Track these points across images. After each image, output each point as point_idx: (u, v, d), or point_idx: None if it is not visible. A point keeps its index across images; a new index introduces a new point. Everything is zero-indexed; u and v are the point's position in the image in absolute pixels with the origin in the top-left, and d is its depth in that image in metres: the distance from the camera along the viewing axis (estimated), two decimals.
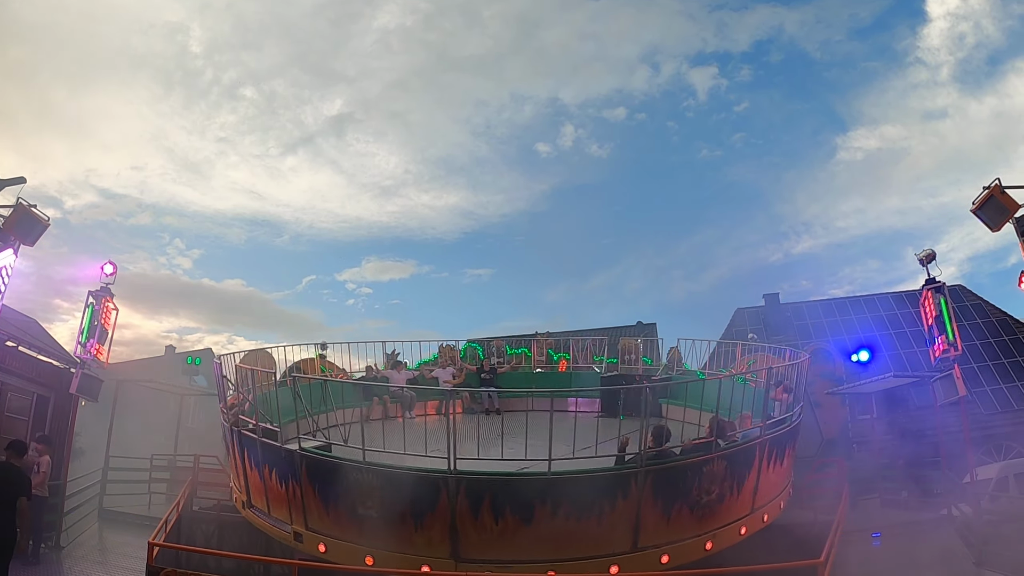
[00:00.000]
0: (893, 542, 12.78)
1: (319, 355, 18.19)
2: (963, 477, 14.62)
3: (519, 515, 8.95)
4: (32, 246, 12.22)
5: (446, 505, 8.99)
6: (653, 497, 9.34)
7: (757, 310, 32.28)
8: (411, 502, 9.13)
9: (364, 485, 9.33)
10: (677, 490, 9.57)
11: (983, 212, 12.05)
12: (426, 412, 16.42)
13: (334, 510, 9.70)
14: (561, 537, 9.01)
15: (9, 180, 11.96)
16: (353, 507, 9.49)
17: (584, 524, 9.03)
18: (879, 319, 29.70)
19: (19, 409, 13.77)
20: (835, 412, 18.45)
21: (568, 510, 8.97)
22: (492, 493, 8.99)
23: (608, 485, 9.15)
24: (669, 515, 9.52)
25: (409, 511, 9.16)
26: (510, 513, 8.95)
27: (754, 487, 10.67)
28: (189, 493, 14.69)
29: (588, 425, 10.80)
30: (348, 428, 10.59)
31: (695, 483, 9.68)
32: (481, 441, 9.89)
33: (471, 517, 8.97)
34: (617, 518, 9.18)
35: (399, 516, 9.19)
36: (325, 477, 9.77)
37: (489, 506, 8.95)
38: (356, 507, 9.45)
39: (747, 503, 10.65)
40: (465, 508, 8.96)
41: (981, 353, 26.04)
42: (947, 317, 13.19)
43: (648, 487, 9.26)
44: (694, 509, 9.74)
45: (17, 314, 15.42)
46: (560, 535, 9.01)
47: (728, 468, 10.02)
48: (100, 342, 14.15)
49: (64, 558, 12.47)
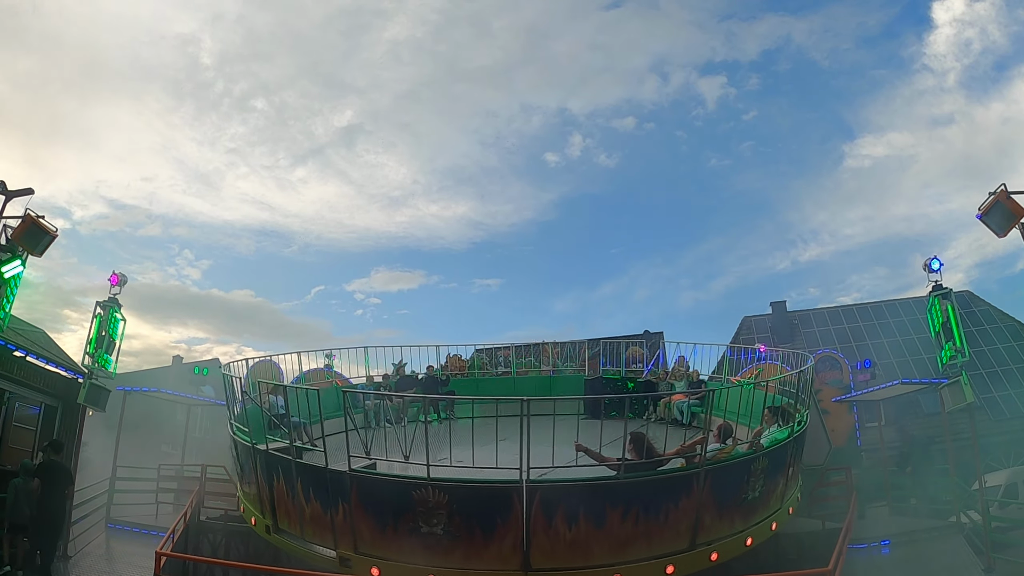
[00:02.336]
0: (902, 550, 12.72)
1: (327, 364, 18.28)
2: (972, 484, 14.55)
3: (591, 521, 8.87)
4: (40, 256, 12.30)
5: (519, 515, 8.76)
6: (712, 495, 9.50)
7: (764, 318, 32.23)
8: (482, 515, 8.91)
9: (429, 502, 8.89)
10: (730, 487, 9.81)
11: (989, 218, 12.01)
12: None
13: (392, 531, 9.21)
14: (628, 539, 9.02)
15: (17, 191, 12.04)
16: (415, 526, 9.04)
17: (650, 525, 9.10)
18: (887, 326, 29.61)
19: (27, 419, 13.81)
20: (843, 419, 18.39)
21: (637, 512, 9.01)
22: (566, 500, 8.85)
23: (674, 485, 9.25)
24: (722, 512, 9.73)
25: (478, 524, 8.91)
26: (583, 519, 8.84)
27: (784, 485, 11.15)
28: (196, 503, 14.70)
29: (582, 428, 10.74)
30: (401, 441, 9.53)
31: (745, 480, 9.94)
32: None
33: (545, 525, 8.82)
34: (680, 517, 9.27)
35: (467, 530, 8.91)
36: (381, 497, 9.30)
37: (563, 514, 8.82)
38: (419, 525, 9.01)
39: (778, 500, 11.05)
40: (540, 517, 8.80)
41: (989, 359, 25.95)
42: (955, 323, 13.14)
43: (708, 485, 9.38)
44: (740, 505, 10.00)
45: (25, 324, 15.48)
46: (628, 537, 9.01)
47: (768, 466, 10.31)
48: (108, 352, 14.20)
49: (71, 568, 12.47)
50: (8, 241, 11.93)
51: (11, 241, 11.92)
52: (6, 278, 11.89)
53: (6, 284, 11.93)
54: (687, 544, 9.35)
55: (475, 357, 21.37)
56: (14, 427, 13.38)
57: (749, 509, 10.18)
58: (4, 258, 11.82)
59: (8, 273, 11.90)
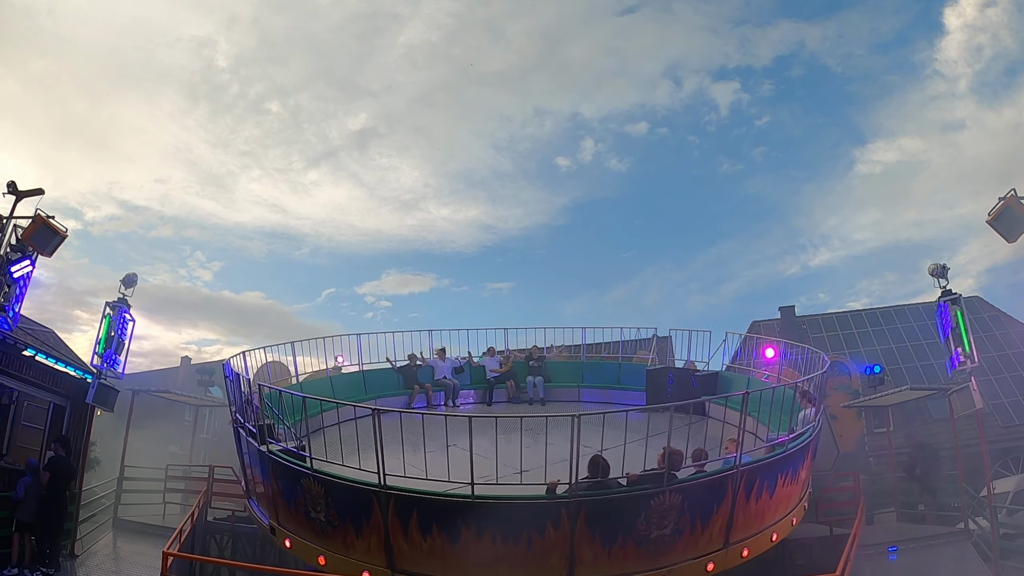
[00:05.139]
0: (909, 556, 12.65)
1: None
2: (980, 491, 14.46)
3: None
4: (50, 257, 12.37)
5: (565, 530, 8.62)
6: (746, 494, 9.47)
7: (772, 323, 32.11)
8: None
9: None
10: (763, 484, 9.78)
11: (998, 223, 11.95)
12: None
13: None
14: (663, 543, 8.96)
15: (28, 191, 12.12)
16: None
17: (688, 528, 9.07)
18: (895, 331, 29.50)
19: (36, 418, 13.88)
20: (851, 425, 18.32)
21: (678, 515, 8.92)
22: (607, 513, 8.74)
23: (712, 487, 9.18)
24: (750, 511, 9.68)
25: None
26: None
27: (805, 484, 11.20)
28: (203, 503, 14.75)
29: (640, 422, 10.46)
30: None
31: (777, 477, 9.99)
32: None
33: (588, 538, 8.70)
34: (718, 517, 9.25)
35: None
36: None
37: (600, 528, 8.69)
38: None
39: (796, 497, 11.03)
40: (583, 529, 8.65)
41: (999, 365, 25.79)
42: (964, 329, 13.05)
43: (743, 485, 9.35)
44: (769, 501, 10.01)
45: (34, 324, 15.55)
46: (663, 542, 8.94)
47: (792, 464, 10.36)
48: (117, 353, 14.25)
49: (78, 567, 12.53)
50: (18, 241, 12.00)
51: (21, 241, 11.99)
52: (16, 278, 11.97)
53: (16, 284, 12.00)
54: (723, 543, 9.36)
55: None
56: (23, 426, 13.45)
57: (772, 505, 10.15)
58: (14, 258, 11.90)
59: (18, 273, 11.97)
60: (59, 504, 11.81)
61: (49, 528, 11.63)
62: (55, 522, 11.76)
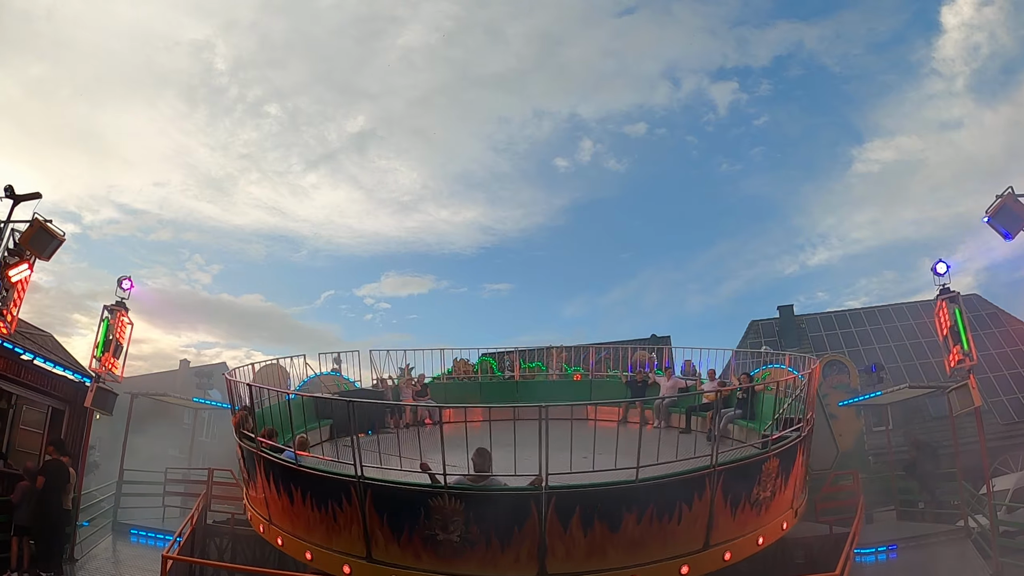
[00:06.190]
0: (909, 554, 12.66)
1: (334, 369, 18.27)
2: (980, 488, 14.46)
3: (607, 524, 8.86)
4: (48, 260, 12.38)
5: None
6: (724, 496, 9.46)
7: (771, 322, 32.16)
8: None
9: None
10: (743, 488, 9.74)
11: (996, 220, 11.96)
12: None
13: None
14: (642, 541, 8.99)
15: (25, 195, 12.12)
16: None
17: (664, 526, 9.06)
18: (894, 330, 29.52)
19: (34, 422, 13.87)
20: (850, 424, 18.33)
21: (651, 514, 8.96)
22: (582, 506, 8.78)
23: (687, 486, 9.18)
24: (735, 513, 9.68)
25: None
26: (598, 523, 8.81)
27: (797, 485, 11.10)
28: (203, 507, 14.72)
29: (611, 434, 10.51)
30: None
31: (756, 480, 9.91)
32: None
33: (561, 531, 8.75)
34: (694, 517, 9.24)
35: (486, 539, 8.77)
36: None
37: (579, 519, 8.75)
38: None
39: (788, 501, 10.97)
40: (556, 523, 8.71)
41: (997, 363, 25.80)
42: (962, 327, 13.04)
43: (720, 486, 9.35)
44: (753, 506, 9.94)
45: (33, 328, 15.53)
46: (642, 539, 8.98)
47: (780, 465, 10.31)
48: (115, 356, 14.23)
49: (77, 570, 12.49)
50: (16, 245, 11.99)
51: (19, 245, 11.99)
52: (14, 282, 11.96)
53: (14, 288, 11.99)
54: (702, 544, 9.33)
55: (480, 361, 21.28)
56: (22, 430, 13.43)
57: (760, 509, 10.11)
58: (12, 262, 11.89)
59: (16, 277, 11.96)
60: (55, 507, 11.74)
61: (43, 531, 11.57)
62: (52, 526, 11.71)
